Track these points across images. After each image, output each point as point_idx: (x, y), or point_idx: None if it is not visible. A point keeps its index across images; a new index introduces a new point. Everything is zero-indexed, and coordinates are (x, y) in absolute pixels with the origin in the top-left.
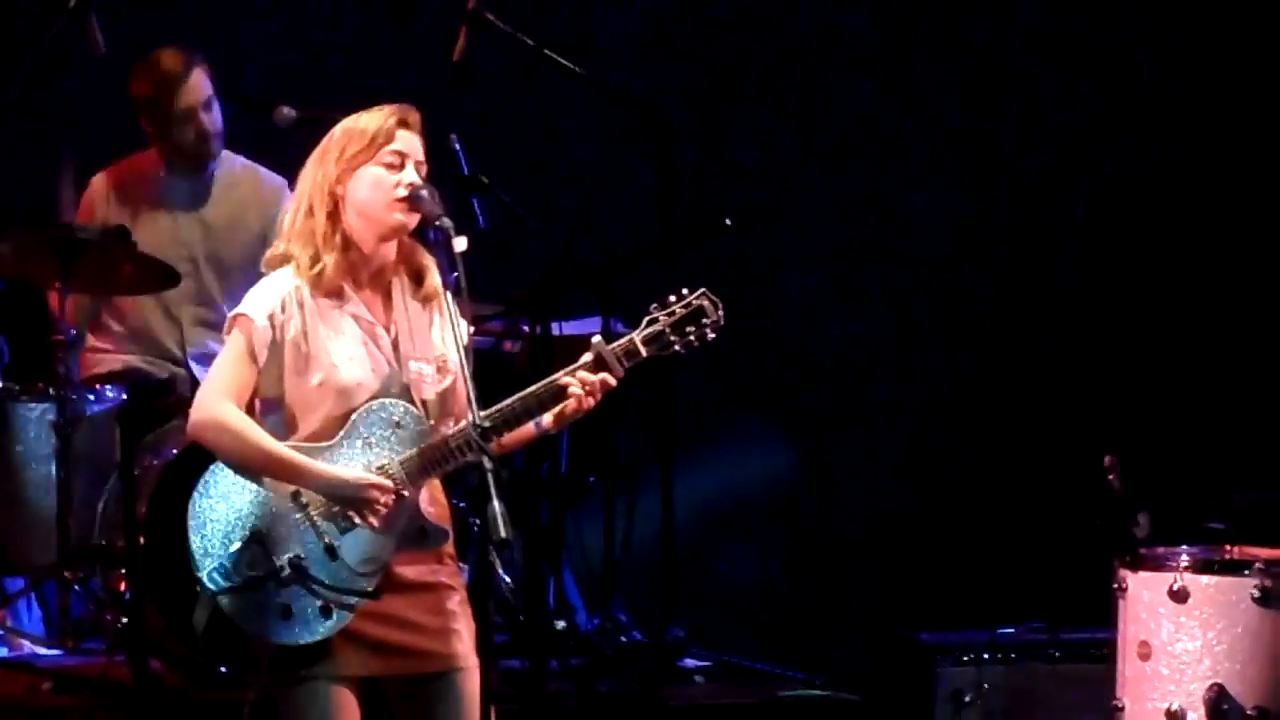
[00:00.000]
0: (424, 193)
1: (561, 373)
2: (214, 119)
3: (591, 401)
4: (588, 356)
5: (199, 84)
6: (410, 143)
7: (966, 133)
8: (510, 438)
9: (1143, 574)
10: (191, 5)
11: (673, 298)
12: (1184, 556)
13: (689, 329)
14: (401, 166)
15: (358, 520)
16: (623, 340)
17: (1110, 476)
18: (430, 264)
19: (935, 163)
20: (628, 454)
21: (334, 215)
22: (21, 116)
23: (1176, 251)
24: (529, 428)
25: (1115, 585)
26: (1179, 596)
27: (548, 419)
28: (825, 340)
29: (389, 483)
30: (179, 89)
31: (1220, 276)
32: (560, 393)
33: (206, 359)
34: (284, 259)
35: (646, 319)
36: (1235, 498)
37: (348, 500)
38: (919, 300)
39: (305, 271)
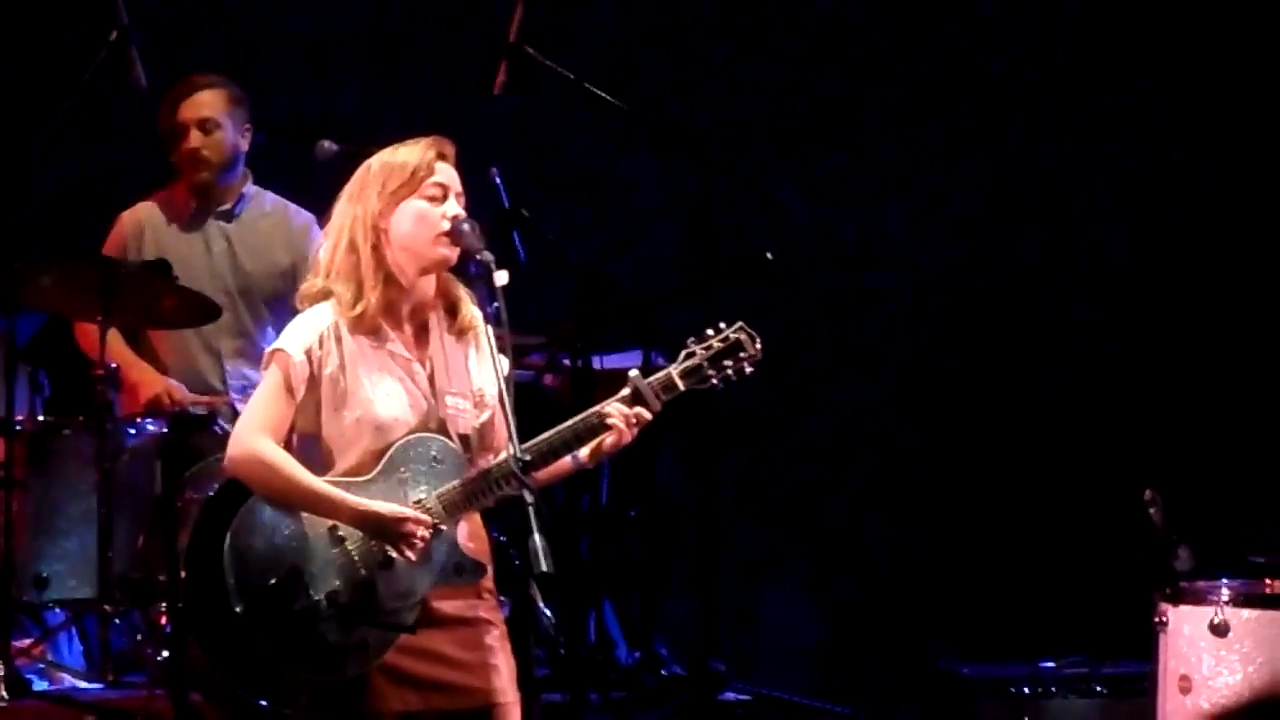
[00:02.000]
0: (466, 226)
1: (599, 406)
2: (212, 141)
3: (629, 436)
4: (625, 391)
5: (203, 101)
6: (450, 175)
7: (1002, 162)
8: (547, 472)
9: (1183, 608)
10: (233, 39)
11: (710, 332)
12: (1224, 590)
13: (726, 363)
14: (444, 199)
15: (394, 554)
16: (660, 375)
17: (1151, 510)
18: (465, 297)
19: (973, 195)
20: (668, 487)
21: (377, 250)
22: (63, 150)
23: (1220, 284)
24: (566, 462)
25: (1156, 619)
26: (1219, 630)
27: (584, 453)
28: (868, 375)
29: (426, 516)
30: (181, 102)
31: (1264, 310)
32: (598, 426)
33: (247, 390)
34: (323, 295)
35: (684, 353)
36: (1276, 531)
37: (384, 533)
38: (963, 335)
39: (347, 309)
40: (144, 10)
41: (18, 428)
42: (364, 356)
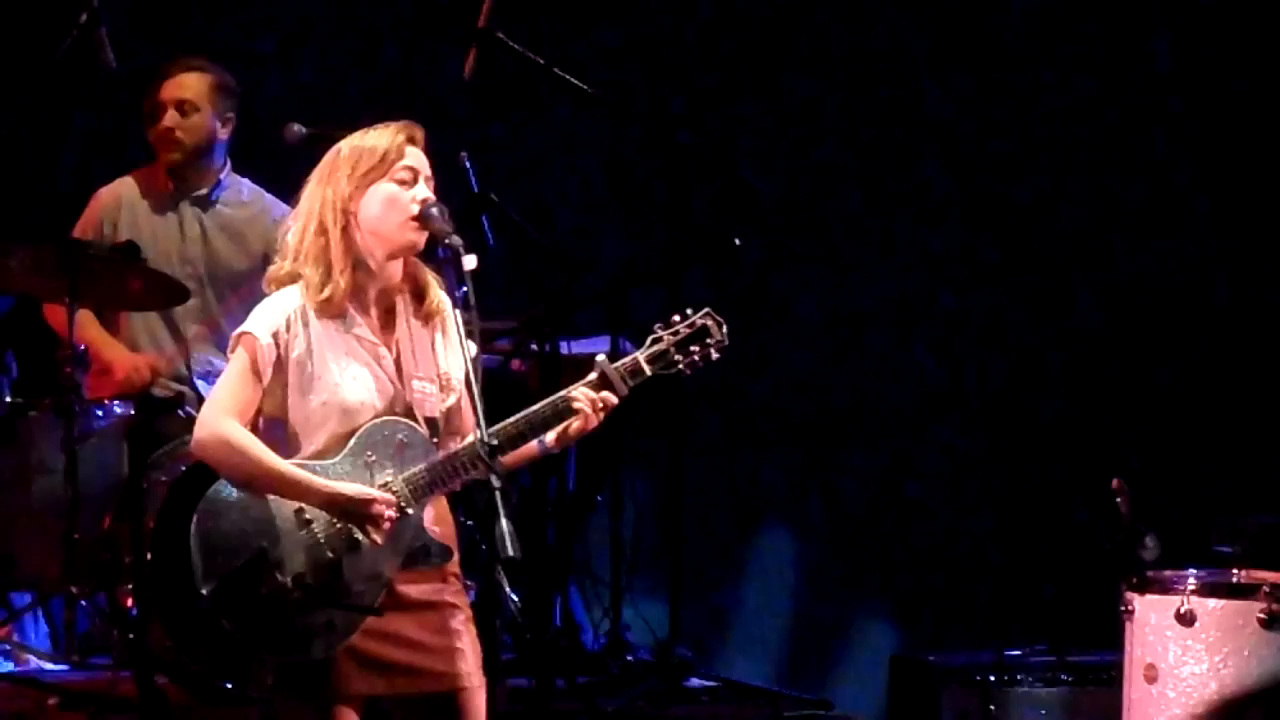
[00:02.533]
0: (434, 210)
1: (566, 390)
2: (188, 123)
3: (596, 420)
4: (592, 375)
5: (183, 83)
6: (420, 159)
7: (983, 149)
8: (513, 456)
9: (1149, 597)
10: (203, 21)
11: (677, 317)
12: (1191, 580)
13: (693, 348)
14: (414, 183)
15: (360, 536)
16: (627, 359)
17: (1118, 499)
18: (432, 281)
19: (947, 179)
20: (635, 471)
21: (346, 233)
22: (32, 131)
23: (1187, 275)
24: (532, 446)
25: (1122, 608)
26: (1186, 620)
27: (550, 437)
28: (830, 359)
29: (392, 497)
30: (164, 81)
31: (1231, 299)
32: (565, 410)
33: (211, 376)
34: (290, 278)
35: (651, 338)
36: (1243, 521)
37: (350, 514)
38: (927, 319)
39: (314, 292)
40: None
41: None
42: (331, 340)
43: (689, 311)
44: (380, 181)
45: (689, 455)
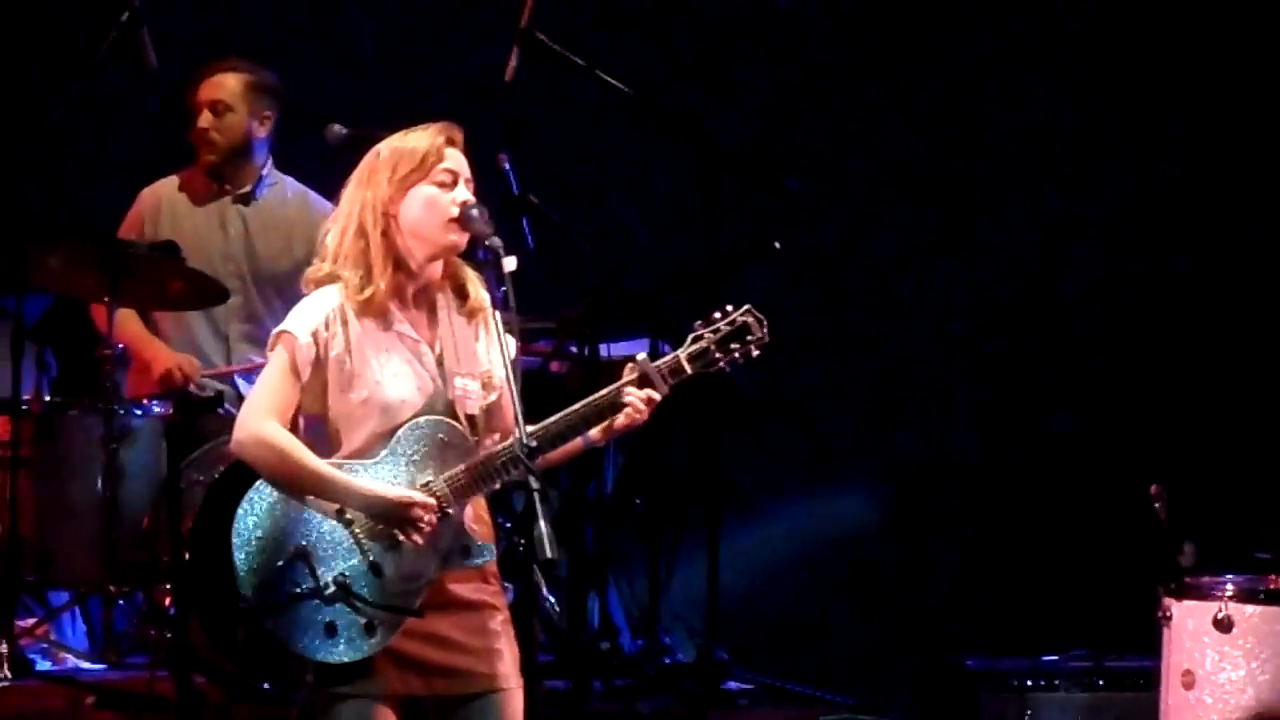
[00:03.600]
0: (475, 212)
1: (607, 390)
2: (223, 124)
3: (641, 419)
4: (632, 374)
5: (219, 83)
6: (459, 160)
7: (1020, 158)
8: (555, 454)
9: (1187, 603)
10: (245, 22)
11: (717, 314)
12: (1229, 586)
13: (734, 346)
14: (454, 185)
15: (401, 537)
16: (668, 358)
17: (1156, 505)
18: (474, 279)
19: (985, 190)
20: (675, 476)
21: (387, 235)
22: (73, 130)
23: (1229, 282)
24: (577, 441)
25: (1160, 614)
26: (1223, 626)
27: (596, 432)
28: (866, 364)
29: (433, 500)
30: (201, 82)
31: (1270, 309)
32: (607, 409)
33: (253, 375)
34: (330, 279)
35: (691, 337)
36: None
37: (391, 517)
38: (967, 325)
39: (355, 293)
40: None
41: (24, 407)
42: (371, 338)
43: (729, 308)
44: (420, 184)
45: (727, 457)
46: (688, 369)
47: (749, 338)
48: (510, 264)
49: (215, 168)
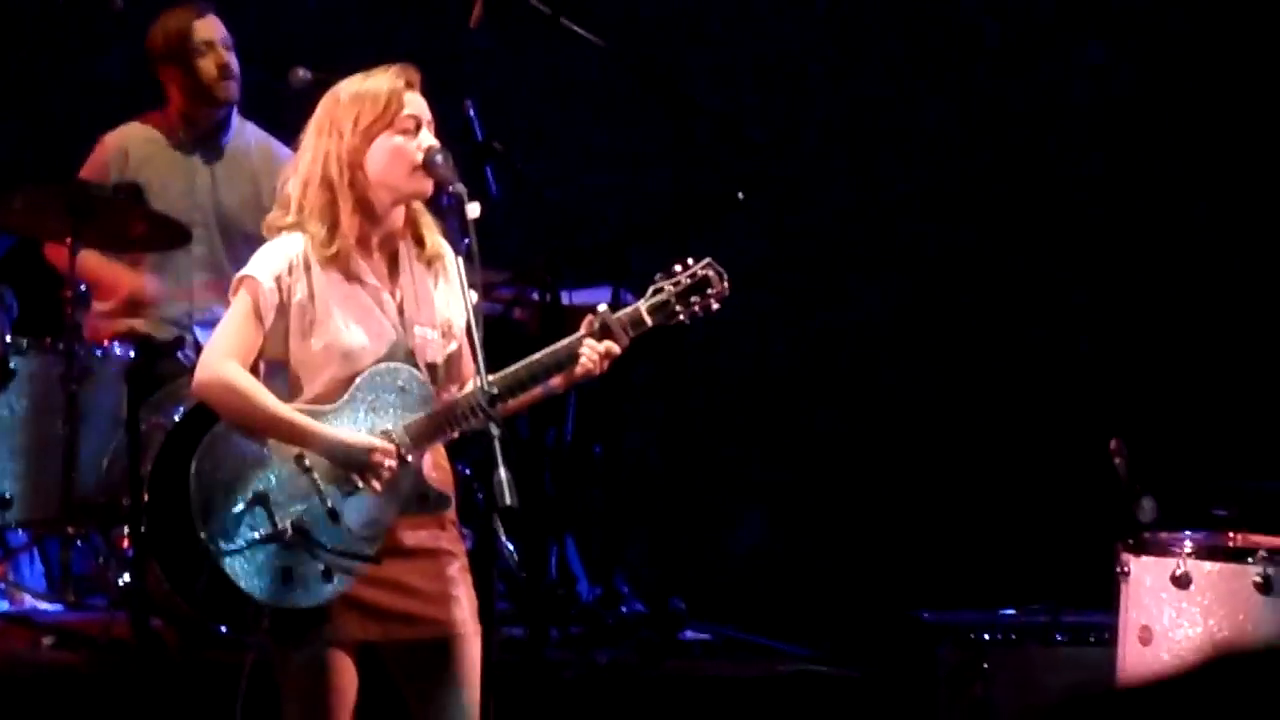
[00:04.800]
0: (439, 158)
1: (568, 339)
2: (234, 59)
3: (600, 369)
4: (588, 327)
5: (216, 24)
6: (420, 104)
7: (975, 117)
8: (515, 402)
9: (1145, 559)
10: None
11: (678, 267)
12: (1187, 542)
13: (694, 299)
14: (417, 131)
15: (360, 483)
16: (628, 309)
17: (1116, 460)
18: (431, 225)
19: (940, 145)
20: (633, 424)
21: (354, 186)
22: (37, 74)
23: (1186, 237)
24: (535, 390)
25: (1118, 569)
26: (1181, 582)
27: (555, 380)
28: (827, 322)
29: (392, 446)
30: (197, 23)
31: (1231, 263)
32: (566, 360)
33: (214, 325)
34: (295, 228)
35: (652, 289)
36: (1240, 485)
37: (351, 463)
38: (922, 282)
39: (321, 247)
40: None
41: None
42: (333, 285)
43: (690, 261)
44: (385, 133)
45: (686, 404)
46: (648, 321)
47: (709, 290)
48: (474, 210)
49: (227, 105)
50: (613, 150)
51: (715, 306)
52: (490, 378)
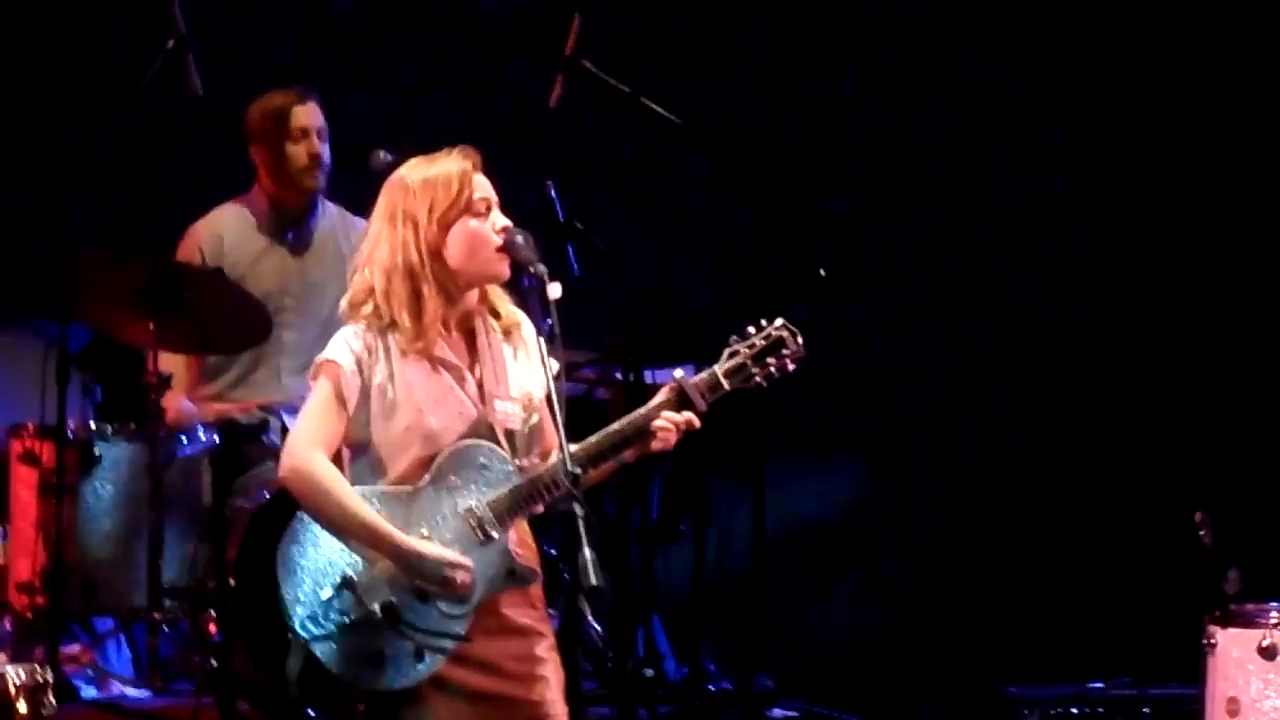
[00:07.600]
0: (518, 239)
1: (645, 408)
2: (326, 151)
3: (674, 439)
4: (667, 394)
5: (316, 112)
6: (486, 186)
7: (1066, 173)
8: (596, 474)
9: (1232, 630)
10: (288, 48)
11: (752, 330)
12: (1274, 613)
13: (770, 360)
14: (489, 212)
15: (434, 598)
16: (705, 374)
17: (1201, 532)
18: (502, 296)
19: (1022, 212)
20: (720, 501)
21: (436, 275)
22: (119, 157)
23: (1272, 308)
24: (611, 463)
25: (1204, 641)
26: (1268, 653)
27: (628, 451)
28: (915, 393)
29: (468, 561)
30: (297, 108)
31: None
32: (645, 431)
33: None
34: (376, 318)
35: (727, 352)
36: None
37: (424, 574)
38: (1012, 355)
39: (409, 339)
40: (200, 18)
41: (69, 434)
42: (413, 367)
43: (764, 323)
44: (461, 218)
45: (771, 484)
46: (725, 385)
47: (784, 351)
48: (555, 291)
49: (312, 193)
50: (693, 227)
51: (791, 367)
52: (572, 447)
